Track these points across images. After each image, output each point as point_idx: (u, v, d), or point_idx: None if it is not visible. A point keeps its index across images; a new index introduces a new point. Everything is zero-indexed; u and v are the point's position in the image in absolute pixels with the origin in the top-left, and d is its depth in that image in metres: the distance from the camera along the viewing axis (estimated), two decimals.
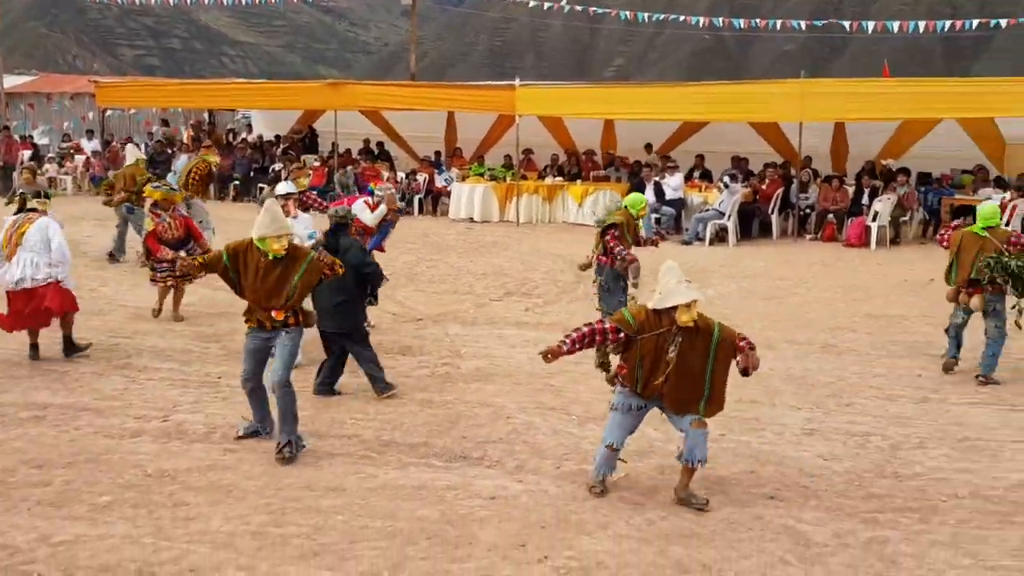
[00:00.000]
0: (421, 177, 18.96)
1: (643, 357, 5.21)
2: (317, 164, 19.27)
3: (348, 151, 20.23)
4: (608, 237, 7.90)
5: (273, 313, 5.94)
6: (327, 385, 7.31)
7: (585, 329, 5.27)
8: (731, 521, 5.07)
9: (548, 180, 18.18)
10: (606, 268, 8.01)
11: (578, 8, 23.52)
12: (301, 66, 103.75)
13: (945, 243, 8.27)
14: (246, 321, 6.13)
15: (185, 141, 22.62)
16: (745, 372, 5.16)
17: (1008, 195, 14.89)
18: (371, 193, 9.36)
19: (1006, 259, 7.50)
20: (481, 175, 18.66)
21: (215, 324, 9.51)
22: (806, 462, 5.97)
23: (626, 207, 8.23)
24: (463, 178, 18.55)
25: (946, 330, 8.16)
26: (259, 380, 6.14)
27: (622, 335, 5.23)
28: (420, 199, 18.54)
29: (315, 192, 11.29)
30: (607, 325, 5.30)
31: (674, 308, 5.11)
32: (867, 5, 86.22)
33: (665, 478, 5.67)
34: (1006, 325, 7.76)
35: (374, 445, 6.22)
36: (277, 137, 22.33)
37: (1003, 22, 19.61)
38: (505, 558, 4.61)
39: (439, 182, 18.90)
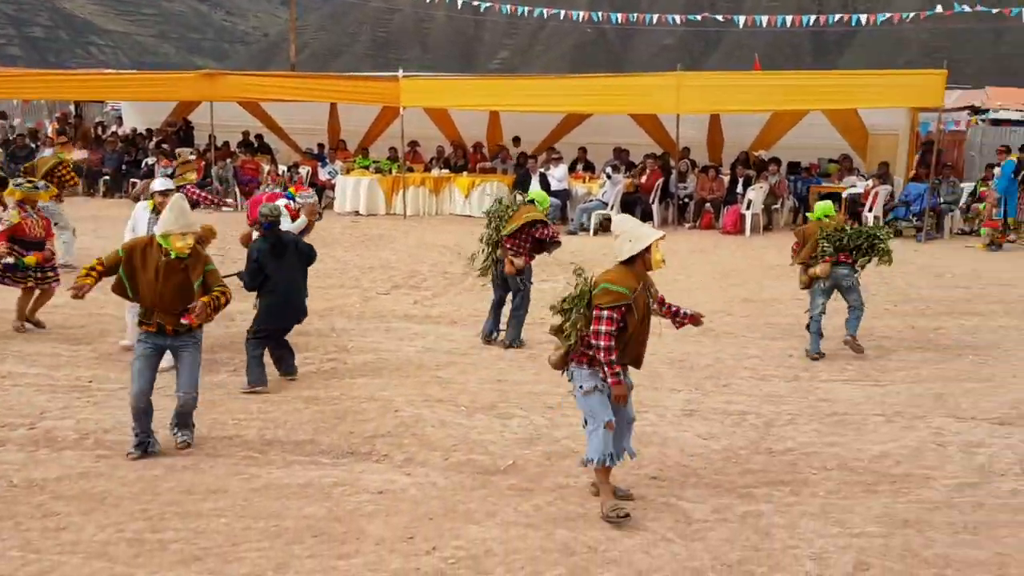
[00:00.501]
0: (304, 170, 18.59)
1: (639, 319, 4.88)
2: (193, 158, 18.58)
3: (226, 144, 19.60)
4: (538, 232, 8.41)
5: (184, 319, 5.62)
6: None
7: (603, 341, 4.76)
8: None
9: (434, 172, 18.14)
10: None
11: (460, 0, 23.48)
12: (176, 56, 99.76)
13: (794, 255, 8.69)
14: (142, 324, 5.72)
15: (50, 135, 21.42)
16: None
17: (870, 182, 15.78)
18: (291, 198, 9.12)
19: (843, 232, 8.25)
20: (366, 168, 18.45)
21: (86, 326, 9.06)
22: (686, 442, 6.17)
23: (533, 202, 8.57)
24: (347, 171, 18.30)
25: (807, 326, 8.44)
26: (151, 395, 5.79)
27: (623, 307, 4.81)
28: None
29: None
30: (611, 314, 4.76)
31: (647, 250, 4.87)
32: (740, 1, 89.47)
33: (551, 464, 5.75)
34: (862, 296, 8.41)
35: (257, 445, 6.06)
36: (149, 130, 21.43)
37: (863, 18, 20.77)
38: (393, 551, 4.58)
39: (323, 175, 18.57)
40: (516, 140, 19.16)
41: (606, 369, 4.80)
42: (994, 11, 20.87)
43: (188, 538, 4.72)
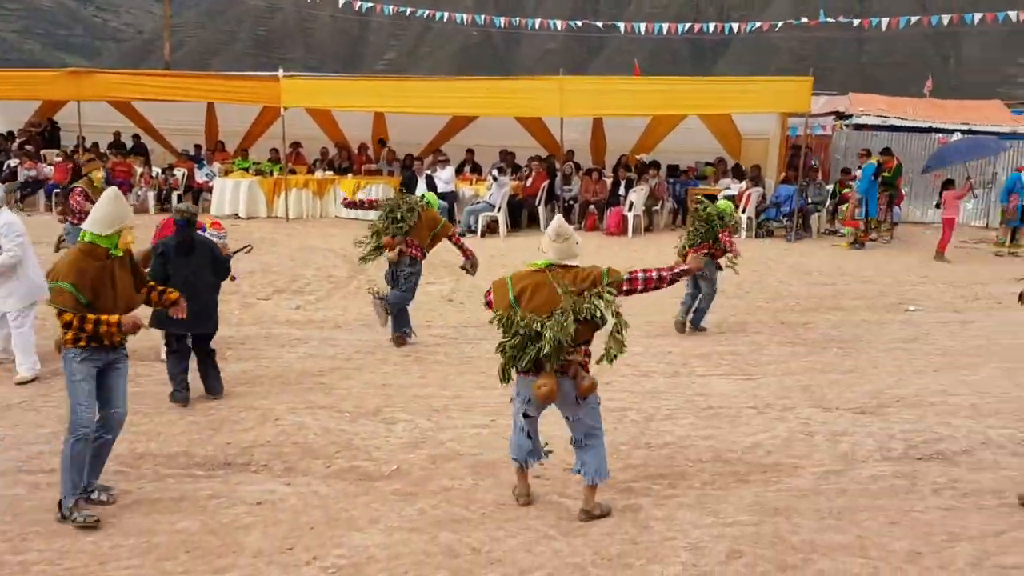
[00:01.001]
0: (179, 172, 17.93)
1: None
2: (60, 159, 17.69)
3: (95, 145, 18.69)
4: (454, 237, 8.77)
5: (174, 313, 5.36)
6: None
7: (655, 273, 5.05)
8: (500, 503, 5.21)
9: (318, 174, 17.80)
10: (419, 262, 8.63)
11: (341, 0, 23.13)
12: (41, 53, 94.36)
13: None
14: (77, 342, 4.92)
15: None
16: None
17: (744, 184, 16.41)
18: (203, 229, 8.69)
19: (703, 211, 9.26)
20: (246, 169, 17.96)
21: None
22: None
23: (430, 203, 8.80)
24: (226, 173, 17.75)
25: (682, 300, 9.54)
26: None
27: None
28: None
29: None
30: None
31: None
32: (622, 7, 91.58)
33: (436, 468, 5.73)
34: (714, 284, 9.45)
35: (127, 459, 5.80)
36: (11, 132, 20.24)
37: (736, 26, 21.61)
38: (271, 563, 4.47)
39: (199, 177, 17.95)
40: (381, 142, 19.06)
41: None
42: (855, 22, 22.04)
43: (52, 559, 4.48)
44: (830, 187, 17.21)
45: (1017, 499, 5.03)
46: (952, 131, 19.45)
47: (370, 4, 22.96)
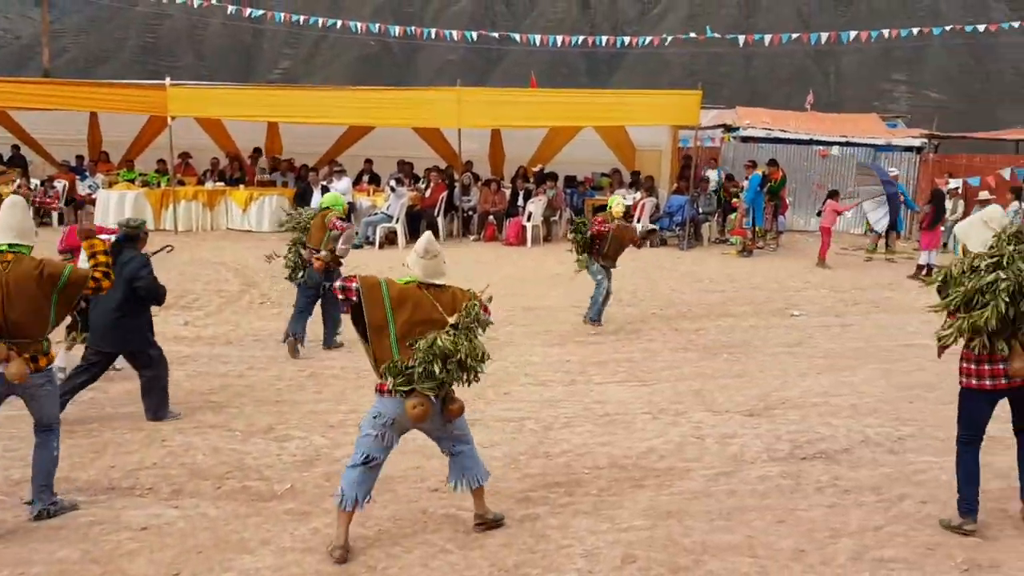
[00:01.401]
0: (60, 184, 17.13)
1: None
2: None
3: None
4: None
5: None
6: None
7: None
8: (397, 518, 5.15)
9: (209, 185, 17.31)
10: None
11: (231, 7, 22.57)
12: None
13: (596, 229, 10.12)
14: None
15: None
16: None
17: (638, 195, 16.79)
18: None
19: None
20: (131, 181, 17.32)
21: None
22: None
23: (330, 207, 8.87)
24: (110, 184, 17.06)
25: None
26: None
27: None
28: (60, 214, 16.69)
29: None
30: None
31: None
32: (519, 20, 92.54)
33: (331, 486, 5.61)
34: (599, 283, 10.15)
35: (2, 486, 5.49)
36: None
37: (627, 40, 22.15)
38: None
39: (82, 189, 17.22)
40: (257, 151, 18.71)
41: None
42: (741, 38, 22.89)
43: None
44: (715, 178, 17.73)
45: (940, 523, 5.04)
46: (831, 143, 20.41)
47: (260, 12, 22.46)
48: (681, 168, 17.89)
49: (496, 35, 21.21)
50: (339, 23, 23.32)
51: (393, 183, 16.08)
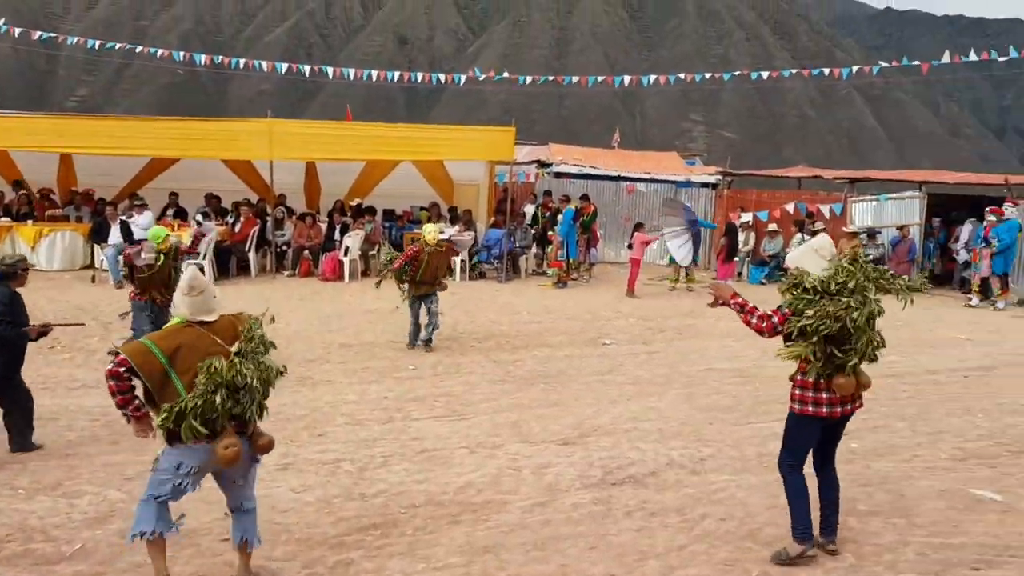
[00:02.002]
0: None
1: None
2: None
3: None
4: None
5: None
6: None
7: None
8: (200, 575, 4.85)
9: None
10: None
11: (17, 29, 20.96)
12: None
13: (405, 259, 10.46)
14: None
15: None
16: None
17: (457, 228, 16.92)
18: None
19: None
20: None
21: None
22: (279, 498, 6.00)
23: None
24: None
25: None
26: None
27: None
28: None
29: None
30: None
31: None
32: (335, 52, 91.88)
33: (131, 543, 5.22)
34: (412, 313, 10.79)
35: None
36: None
37: (443, 77, 22.47)
38: None
39: None
40: (16, 184, 17.44)
41: None
42: (551, 78, 23.80)
43: None
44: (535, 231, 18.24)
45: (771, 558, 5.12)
46: (637, 180, 21.49)
47: (50, 35, 20.99)
48: (498, 202, 18.24)
49: (307, 68, 20.81)
50: (141, 49, 22.19)
51: (199, 217, 15.37)
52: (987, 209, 16.31)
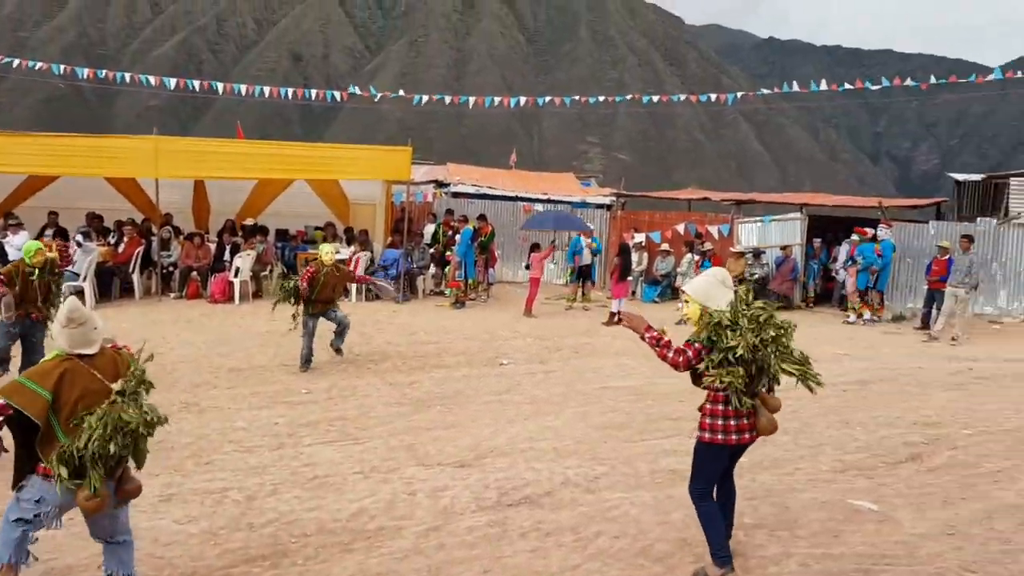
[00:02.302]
0: None
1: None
2: None
3: None
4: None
5: None
6: None
7: None
8: None
9: None
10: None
11: None
12: None
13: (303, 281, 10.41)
14: None
15: None
16: None
17: (353, 248, 16.73)
18: None
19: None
20: None
21: None
22: (162, 530, 5.74)
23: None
24: None
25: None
26: None
27: None
28: None
29: None
30: None
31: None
32: (228, 68, 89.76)
33: None
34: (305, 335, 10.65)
35: None
36: None
37: (338, 95, 22.23)
38: None
39: None
40: None
41: None
42: (447, 99, 23.84)
43: None
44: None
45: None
46: (535, 200, 21.74)
47: None
48: (395, 222, 18.11)
49: (197, 83, 20.19)
50: (18, 62, 21.10)
51: (80, 237, 14.69)
52: (854, 229, 17.29)
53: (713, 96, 25.56)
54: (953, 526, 5.87)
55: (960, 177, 23.01)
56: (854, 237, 16.94)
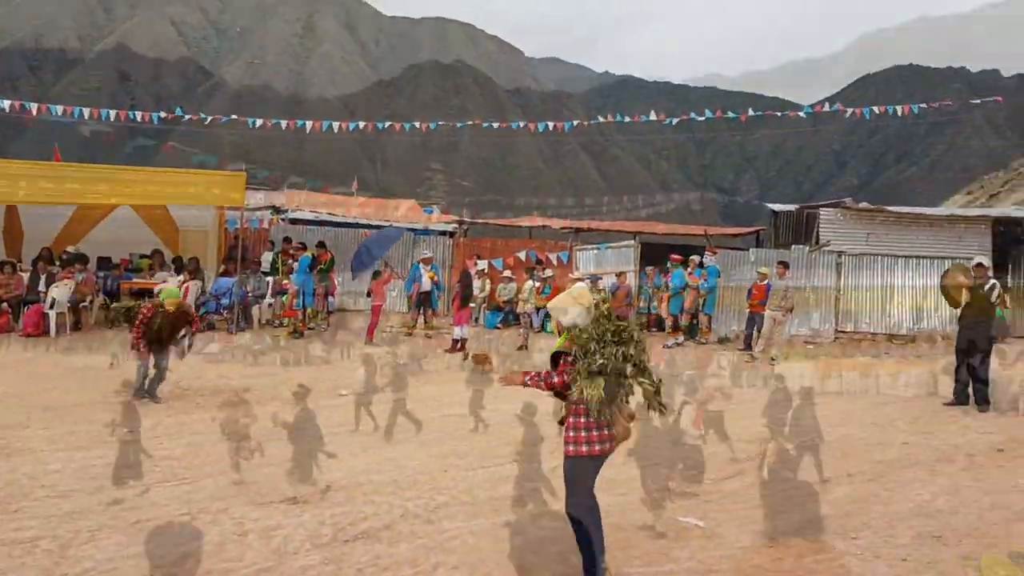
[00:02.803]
0: None
1: None
2: None
3: None
4: None
5: None
6: None
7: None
8: None
9: None
10: None
11: None
12: None
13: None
14: None
15: None
16: None
17: (182, 277, 16.01)
18: None
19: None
20: None
21: None
22: None
23: None
24: None
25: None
26: None
27: None
28: None
29: None
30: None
31: None
32: (47, 87, 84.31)
33: None
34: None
35: None
36: None
37: (164, 114, 21.26)
38: None
39: None
40: None
41: None
42: (283, 124, 23.31)
43: None
44: (270, 279, 17.68)
45: None
46: (377, 227, 21.57)
47: None
48: (229, 249, 17.48)
49: (8, 103, 18.77)
50: None
51: None
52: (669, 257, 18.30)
53: (551, 125, 26.27)
54: (773, 539, 6.23)
55: (777, 207, 24.68)
56: (668, 264, 17.88)
